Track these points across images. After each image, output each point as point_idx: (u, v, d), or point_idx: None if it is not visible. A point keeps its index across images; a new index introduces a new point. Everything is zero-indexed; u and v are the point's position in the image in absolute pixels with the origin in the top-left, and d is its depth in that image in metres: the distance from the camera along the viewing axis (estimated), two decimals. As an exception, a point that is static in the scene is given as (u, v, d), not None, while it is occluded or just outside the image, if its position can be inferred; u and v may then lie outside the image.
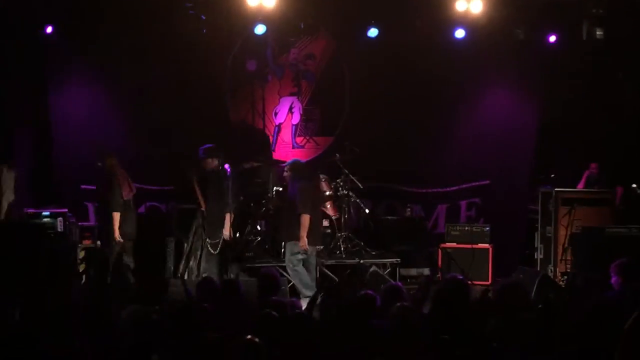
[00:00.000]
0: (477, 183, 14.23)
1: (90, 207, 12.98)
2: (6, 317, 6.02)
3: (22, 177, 12.57)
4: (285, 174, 11.66)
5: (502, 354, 5.76)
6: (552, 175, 13.50)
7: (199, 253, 11.34)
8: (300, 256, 11.28)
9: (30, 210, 12.01)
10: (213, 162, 11.34)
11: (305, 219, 11.15)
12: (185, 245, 11.57)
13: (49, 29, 12.60)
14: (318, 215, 11.65)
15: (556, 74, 13.74)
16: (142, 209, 13.18)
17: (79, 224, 12.40)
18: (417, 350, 5.79)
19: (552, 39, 13.48)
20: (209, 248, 11.20)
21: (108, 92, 13.46)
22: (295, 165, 11.62)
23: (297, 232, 11.15)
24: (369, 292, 7.28)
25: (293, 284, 11.34)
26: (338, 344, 5.78)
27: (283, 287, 9.86)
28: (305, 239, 11.13)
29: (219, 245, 11.21)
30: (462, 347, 5.86)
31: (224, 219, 11.16)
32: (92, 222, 12.80)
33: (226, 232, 11.17)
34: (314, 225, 11.37)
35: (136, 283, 11.08)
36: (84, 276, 11.79)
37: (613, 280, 8.17)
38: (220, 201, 11.21)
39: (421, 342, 5.88)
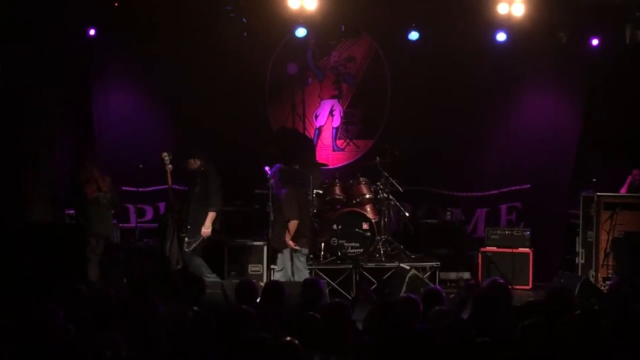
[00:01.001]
0: (517, 187, 14.14)
1: (132, 209, 13.06)
2: (49, 316, 6.06)
3: (64, 178, 12.69)
4: (271, 180, 11.67)
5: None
6: (594, 180, 13.38)
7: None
8: (302, 258, 11.38)
9: (71, 212, 12.12)
10: (196, 163, 11.58)
11: (293, 225, 11.21)
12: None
13: (92, 32, 12.72)
14: (306, 219, 11.63)
15: (598, 77, 13.63)
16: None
17: (120, 225, 12.50)
18: (456, 354, 5.77)
19: (595, 42, 13.39)
20: (185, 245, 11.38)
21: (149, 94, 13.57)
22: (279, 171, 11.61)
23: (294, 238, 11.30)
24: (412, 295, 7.27)
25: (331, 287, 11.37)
26: (381, 346, 5.77)
27: (325, 291, 9.85)
28: (292, 242, 11.25)
29: (194, 245, 11.37)
30: (501, 351, 5.83)
31: (205, 219, 11.32)
32: (132, 223, 12.86)
33: (205, 230, 11.34)
34: (302, 229, 11.40)
35: (176, 283, 11.14)
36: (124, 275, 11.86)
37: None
38: (203, 202, 11.38)
39: (459, 345, 5.86)
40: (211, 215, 11.37)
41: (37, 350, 5.69)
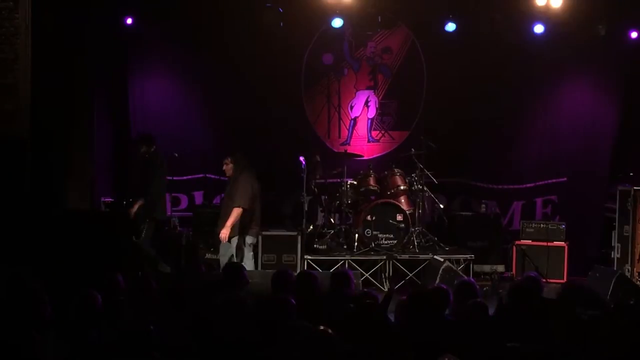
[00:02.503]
0: (554, 180, 14.05)
1: (167, 197, 13.13)
2: (88, 305, 6.13)
3: (102, 167, 12.81)
4: (225, 167, 11.60)
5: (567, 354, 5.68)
6: (631, 174, 13.26)
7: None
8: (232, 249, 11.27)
9: (107, 200, 12.22)
10: (142, 148, 11.76)
11: (237, 212, 11.09)
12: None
13: (129, 20, 12.81)
14: (256, 208, 11.50)
15: (637, 70, 13.52)
16: (217, 200, 13.32)
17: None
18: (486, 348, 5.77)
19: (634, 35, 13.27)
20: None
21: (185, 83, 13.64)
22: (235, 157, 11.56)
23: (246, 226, 11.22)
24: (442, 286, 7.28)
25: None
26: (411, 336, 5.78)
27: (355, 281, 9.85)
28: (229, 229, 11.06)
29: (142, 232, 11.52)
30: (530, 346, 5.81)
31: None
32: (168, 212, 12.93)
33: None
34: (250, 217, 11.32)
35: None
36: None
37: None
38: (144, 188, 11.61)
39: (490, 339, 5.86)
40: (137, 205, 11.49)
41: (77, 337, 5.74)
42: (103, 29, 12.66)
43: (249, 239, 11.33)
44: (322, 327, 5.12)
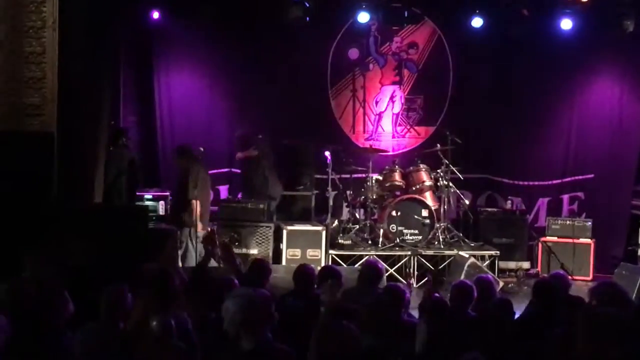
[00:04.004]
0: (580, 177, 13.98)
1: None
2: (119, 297, 6.16)
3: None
4: (174, 160, 11.75)
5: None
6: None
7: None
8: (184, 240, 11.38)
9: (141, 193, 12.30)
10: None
11: (194, 204, 11.23)
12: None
13: (156, 14, 12.84)
14: (205, 198, 11.62)
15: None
16: (241, 195, 13.38)
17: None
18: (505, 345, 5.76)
19: (662, 30, 13.17)
20: None
21: (211, 79, 13.64)
22: (181, 150, 11.65)
23: (188, 219, 11.32)
24: (467, 282, 7.27)
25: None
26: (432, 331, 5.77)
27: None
28: (200, 223, 11.28)
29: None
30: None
31: None
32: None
33: None
34: (205, 209, 11.51)
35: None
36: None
37: None
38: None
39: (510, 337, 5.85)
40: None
41: (108, 331, 5.78)
42: (130, 23, 12.72)
43: (199, 232, 11.41)
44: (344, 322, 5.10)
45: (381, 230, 12.47)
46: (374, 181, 12.76)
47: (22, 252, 7.49)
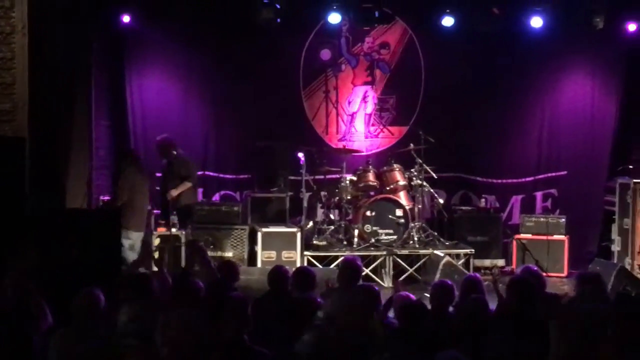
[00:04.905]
0: (553, 174, 14.06)
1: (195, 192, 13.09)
2: (93, 301, 6.13)
3: (100, 165, 12.78)
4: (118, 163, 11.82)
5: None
6: (630, 167, 13.27)
7: None
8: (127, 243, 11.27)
9: (106, 198, 12.21)
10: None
11: (126, 208, 11.18)
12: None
13: (127, 19, 12.78)
14: (139, 202, 11.58)
15: (636, 62, 13.52)
16: (216, 197, 13.38)
17: (154, 211, 12.56)
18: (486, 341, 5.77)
19: (632, 27, 13.25)
20: None
21: (184, 82, 13.57)
22: (121, 154, 11.75)
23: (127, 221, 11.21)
24: (447, 281, 7.29)
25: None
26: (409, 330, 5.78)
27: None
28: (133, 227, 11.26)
29: None
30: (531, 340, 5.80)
31: None
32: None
33: None
34: (138, 211, 11.45)
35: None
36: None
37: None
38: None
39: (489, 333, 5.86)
40: None
41: (82, 336, 5.74)
42: (101, 27, 12.65)
43: (132, 235, 11.36)
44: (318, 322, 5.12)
45: (356, 231, 12.48)
46: (348, 182, 12.76)
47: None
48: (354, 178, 12.82)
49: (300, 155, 12.58)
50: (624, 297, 6.54)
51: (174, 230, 12.00)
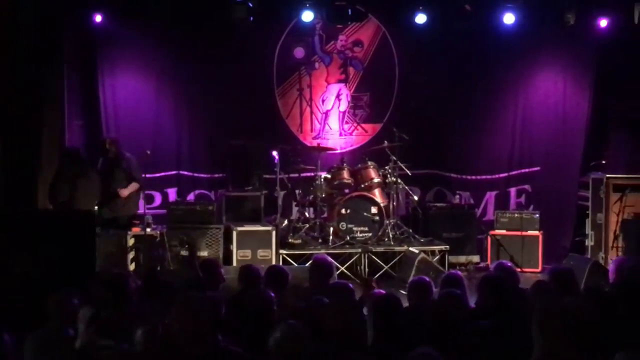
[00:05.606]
0: (527, 170, 14.11)
1: (141, 195, 13.03)
2: (65, 303, 6.10)
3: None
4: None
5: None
6: (603, 162, 13.35)
7: None
8: None
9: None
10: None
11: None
12: None
13: (99, 18, 12.70)
14: (86, 202, 11.52)
15: (608, 58, 13.59)
16: (191, 197, 13.33)
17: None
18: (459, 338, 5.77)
19: (604, 23, 13.31)
20: None
21: (156, 82, 13.50)
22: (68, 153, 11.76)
23: None
24: (425, 278, 7.28)
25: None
26: (387, 327, 5.77)
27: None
28: None
29: None
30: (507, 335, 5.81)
31: None
32: (141, 210, 12.81)
33: None
34: None
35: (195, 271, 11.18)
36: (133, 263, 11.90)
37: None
38: None
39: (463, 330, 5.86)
40: None
41: (56, 338, 5.70)
42: (73, 26, 12.59)
43: None
44: (291, 322, 5.11)
45: (331, 229, 12.48)
46: (322, 180, 12.75)
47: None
48: (329, 176, 12.82)
49: (275, 153, 12.57)
50: (593, 291, 6.56)
51: (148, 230, 11.95)
